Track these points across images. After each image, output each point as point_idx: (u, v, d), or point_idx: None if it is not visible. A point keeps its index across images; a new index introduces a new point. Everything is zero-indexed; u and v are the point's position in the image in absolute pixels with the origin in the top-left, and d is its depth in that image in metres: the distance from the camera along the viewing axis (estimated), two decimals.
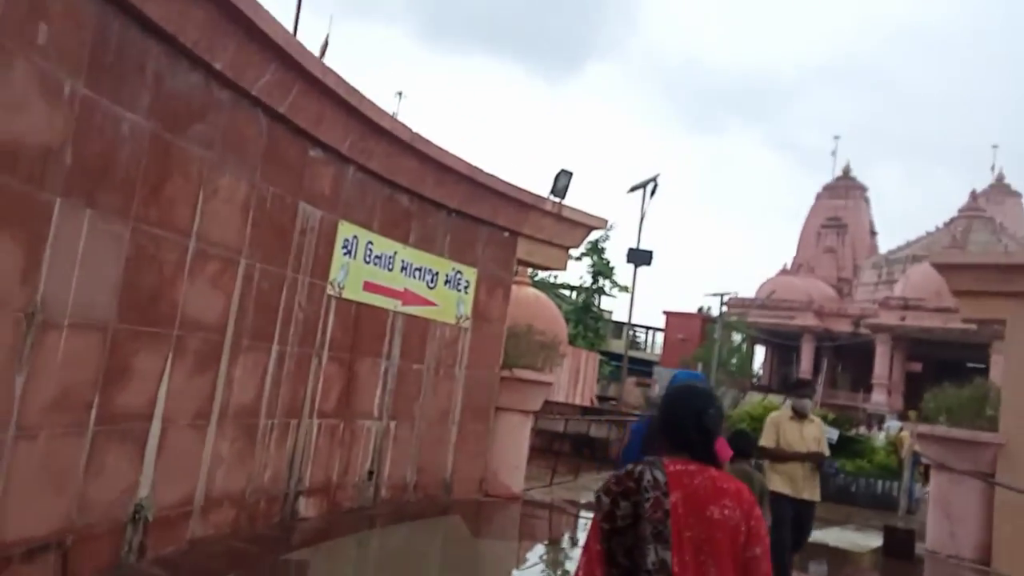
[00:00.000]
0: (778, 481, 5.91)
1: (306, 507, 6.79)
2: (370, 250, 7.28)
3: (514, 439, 9.32)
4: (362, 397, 7.38)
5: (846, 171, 54.34)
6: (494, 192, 8.54)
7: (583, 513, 9.29)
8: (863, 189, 53.59)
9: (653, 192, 16.20)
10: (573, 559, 6.96)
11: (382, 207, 7.42)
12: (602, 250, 27.58)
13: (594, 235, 30.86)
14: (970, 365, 42.80)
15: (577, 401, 19.41)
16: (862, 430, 15.69)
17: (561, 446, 14.96)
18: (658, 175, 16.24)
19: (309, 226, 6.46)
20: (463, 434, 8.68)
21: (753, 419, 13.66)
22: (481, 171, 8.23)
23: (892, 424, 22.37)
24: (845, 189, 53.16)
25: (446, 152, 7.78)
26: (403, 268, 7.82)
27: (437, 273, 8.27)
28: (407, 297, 7.87)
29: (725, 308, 24.65)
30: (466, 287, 8.67)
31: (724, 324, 26.27)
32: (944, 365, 44.05)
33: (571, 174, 9.18)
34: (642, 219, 16.13)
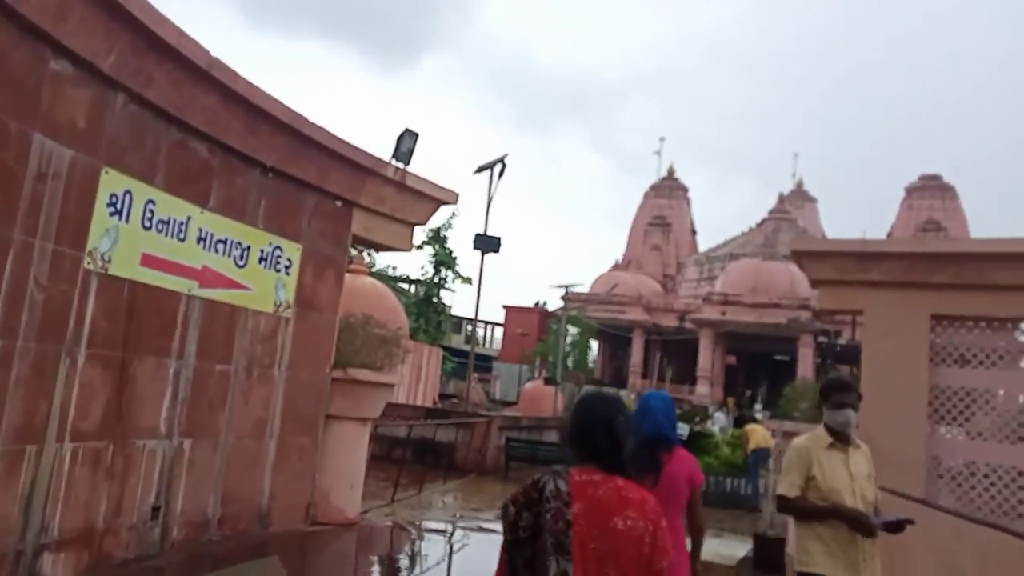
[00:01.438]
0: (822, 558, 3.38)
1: (54, 567, 4.85)
2: (151, 212, 5.42)
3: (349, 453, 7.72)
4: (141, 409, 5.50)
5: (670, 172, 57.05)
6: (324, 149, 6.90)
7: (429, 536, 7.90)
8: (685, 190, 56.51)
9: (501, 173, 15.11)
10: None
11: (169, 156, 5.57)
12: (444, 239, 26.13)
13: (436, 222, 29.42)
14: (777, 358, 46.34)
15: (419, 401, 17.95)
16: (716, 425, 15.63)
17: (403, 453, 13.46)
18: (506, 155, 15.21)
19: (51, 170, 4.54)
20: (284, 450, 6.98)
21: None
22: (307, 120, 6.58)
23: (718, 416, 22.99)
24: (669, 189, 55.76)
25: (260, 91, 6.06)
26: (201, 239, 6.00)
27: (249, 248, 6.51)
28: (207, 277, 6.06)
29: (566, 298, 24.28)
30: (287, 267, 6.95)
31: (565, 318, 25.93)
32: (755, 358, 47.36)
33: (416, 135, 7.74)
34: (490, 203, 15.01)
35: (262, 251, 6.65)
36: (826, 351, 37.85)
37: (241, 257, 6.43)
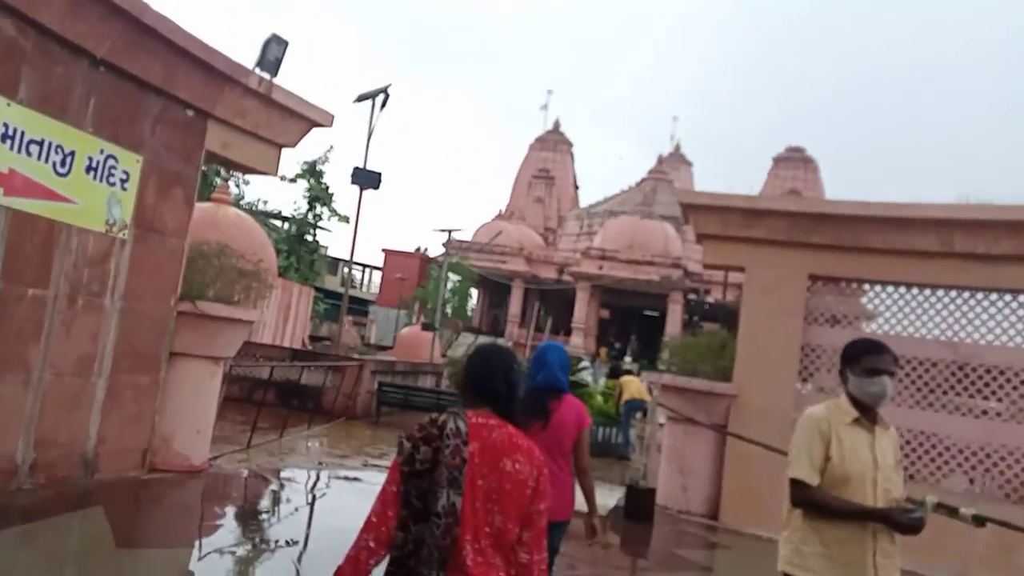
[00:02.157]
0: (815, 560, 2.65)
1: None
2: None
3: (196, 394, 6.95)
4: None
5: (556, 125, 57.02)
6: (170, 45, 5.94)
7: (284, 485, 7.32)
8: (570, 144, 56.71)
9: (384, 104, 14.13)
10: (266, 567, 5.02)
11: None
12: (320, 173, 24.49)
13: (311, 154, 27.76)
14: (648, 313, 48.12)
15: (287, 343, 16.97)
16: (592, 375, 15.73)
17: (265, 396, 12.65)
18: (389, 85, 14.22)
19: None
20: (116, 390, 6.13)
21: None
22: (149, 7, 5.59)
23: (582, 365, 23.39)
24: (554, 143, 55.79)
25: None
26: (7, 137, 4.99)
27: (73, 154, 5.52)
28: (15, 184, 5.07)
29: (448, 245, 23.71)
30: (124, 181, 6.00)
31: (447, 264, 25.35)
32: (628, 312, 48.93)
33: (286, 43, 6.87)
34: (370, 135, 14.00)
35: (91, 159, 5.67)
36: (694, 308, 39.61)
37: (63, 163, 5.44)
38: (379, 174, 13.71)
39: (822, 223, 8.13)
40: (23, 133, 5.08)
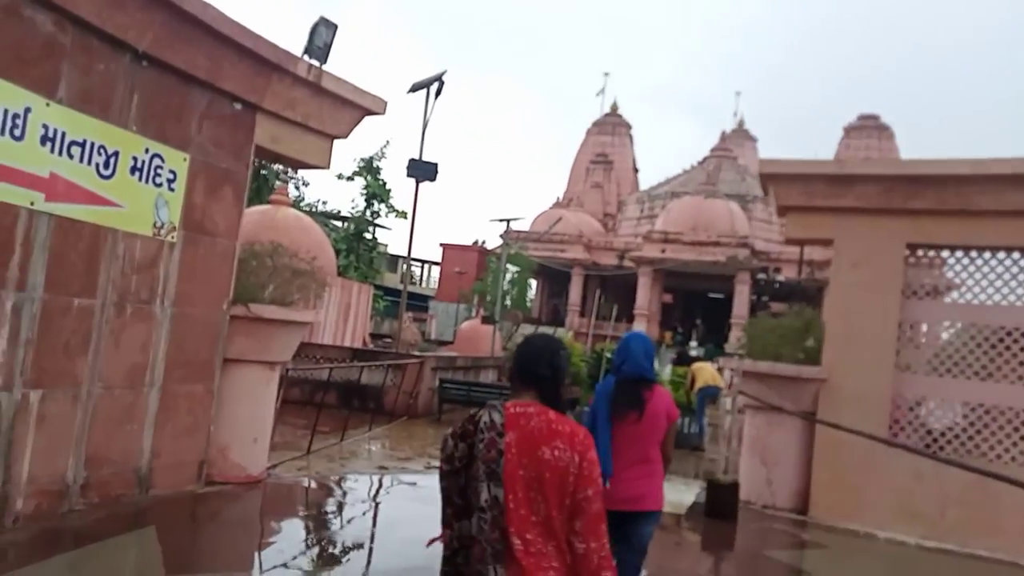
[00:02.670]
0: None
1: None
2: None
3: (253, 402, 6.65)
4: None
5: (614, 108, 55.80)
6: (215, 35, 5.58)
7: (345, 492, 6.98)
8: (628, 126, 55.46)
9: (439, 93, 13.68)
10: None
11: None
12: (378, 170, 24.24)
13: (368, 151, 27.58)
14: (712, 295, 46.74)
15: (347, 342, 16.82)
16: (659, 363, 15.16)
17: (326, 397, 12.44)
18: (444, 72, 13.77)
19: None
20: (169, 401, 5.86)
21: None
22: None
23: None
24: (612, 126, 54.63)
25: None
26: (47, 139, 4.70)
27: (117, 154, 5.22)
28: (57, 188, 4.78)
29: (506, 236, 23.18)
30: (171, 181, 5.69)
31: (505, 255, 24.83)
32: (691, 296, 47.66)
33: (335, 26, 6.45)
34: (425, 126, 13.58)
35: (135, 159, 5.37)
36: (763, 288, 38.20)
37: (106, 165, 5.14)
38: (435, 165, 13.31)
39: (923, 186, 7.29)
40: (64, 134, 4.79)
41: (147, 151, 5.45)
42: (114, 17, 4.92)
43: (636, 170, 56.39)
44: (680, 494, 8.28)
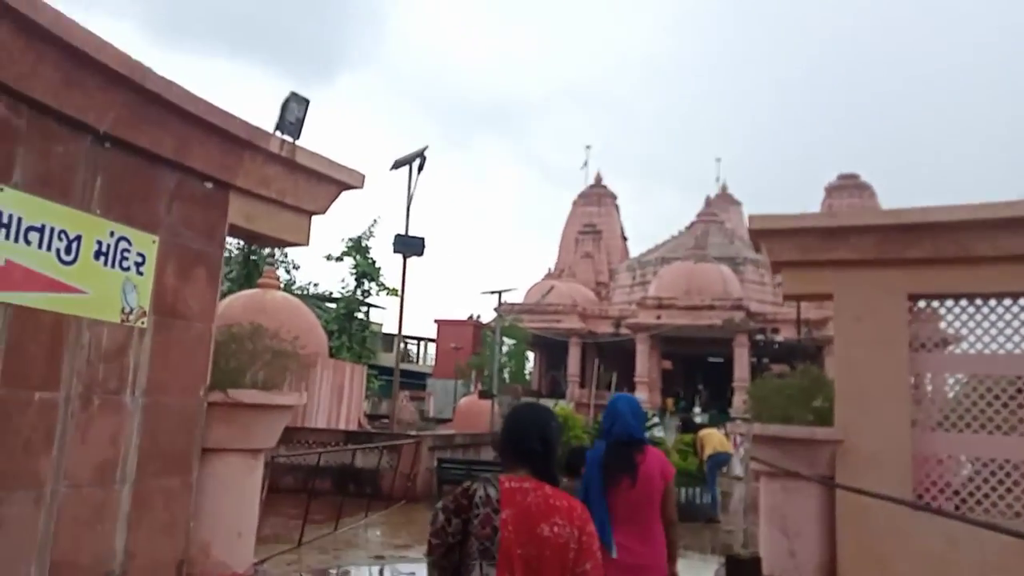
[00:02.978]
0: None
1: None
2: None
3: (235, 493, 6.25)
4: None
5: (598, 179, 56.83)
6: (181, 113, 5.47)
7: None
8: (613, 197, 56.36)
9: (421, 168, 13.72)
10: None
11: None
12: (367, 248, 24.24)
13: (356, 230, 27.57)
14: (712, 360, 46.30)
15: (342, 424, 16.35)
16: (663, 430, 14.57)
17: (319, 483, 11.94)
18: (426, 147, 13.81)
19: None
20: (144, 497, 5.46)
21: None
22: (152, 73, 5.14)
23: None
24: (598, 197, 55.51)
25: (82, 29, 4.62)
26: (1, 226, 4.50)
27: (79, 239, 5.01)
28: (13, 276, 4.55)
29: (500, 309, 22.97)
30: (139, 264, 5.47)
31: (500, 329, 24.56)
32: (691, 361, 47.23)
33: (306, 101, 6.39)
34: (410, 201, 13.57)
35: (100, 244, 5.16)
36: (762, 350, 37.81)
37: (68, 251, 4.93)
38: (422, 240, 13.22)
39: (918, 234, 7.13)
40: (20, 220, 4.60)
41: (112, 234, 5.25)
42: (72, 98, 4.81)
43: (624, 238, 56.96)
44: (698, 571, 7.78)
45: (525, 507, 1.95)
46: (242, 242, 28.59)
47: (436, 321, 52.41)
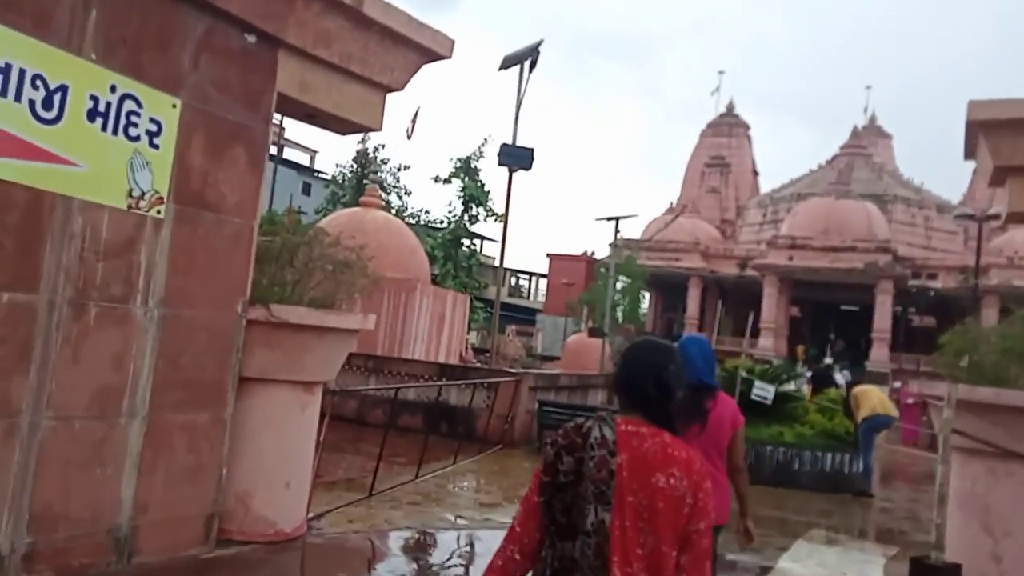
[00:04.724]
0: None
1: None
2: None
3: (282, 434, 5.05)
4: None
5: (730, 108, 52.54)
6: None
7: (410, 559, 5.21)
8: (746, 127, 52.02)
9: (533, 65, 11.98)
10: None
11: None
12: (476, 171, 22.80)
13: (465, 150, 26.17)
14: (845, 308, 42.49)
15: (442, 357, 15.32)
16: (797, 384, 12.52)
17: (411, 420, 10.87)
18: (540, 42, 11.98)
19: None
20: (160, 435, 4.32)
21: None
22: None
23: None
24: (729, 127, 51.38)
25: None
26: None
27: (64, 90, 3.74)
28: None
29: (616, 242, 21.16)
30: (153, 135, 4.18)
31: (615, 263, 22.71)
32: (821, 308, 43.56)
33: None
34: (519, 105, 11.89)
35: (96, 101, 3.88)
36: (914, 298, 33.92)
37: (47, 104, 3.67)
38: (531, 151, 11.57)
39: None
40: None
41: (114, 90, 3.95)
42: None
43: (756, 173, 52.75)
44: (861, 569, 6.01)
45: (642, 453, 1.81)
46: (356, 164, 27.98)
47: (548, 255, 51.04)
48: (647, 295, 44.08)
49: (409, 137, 18.73)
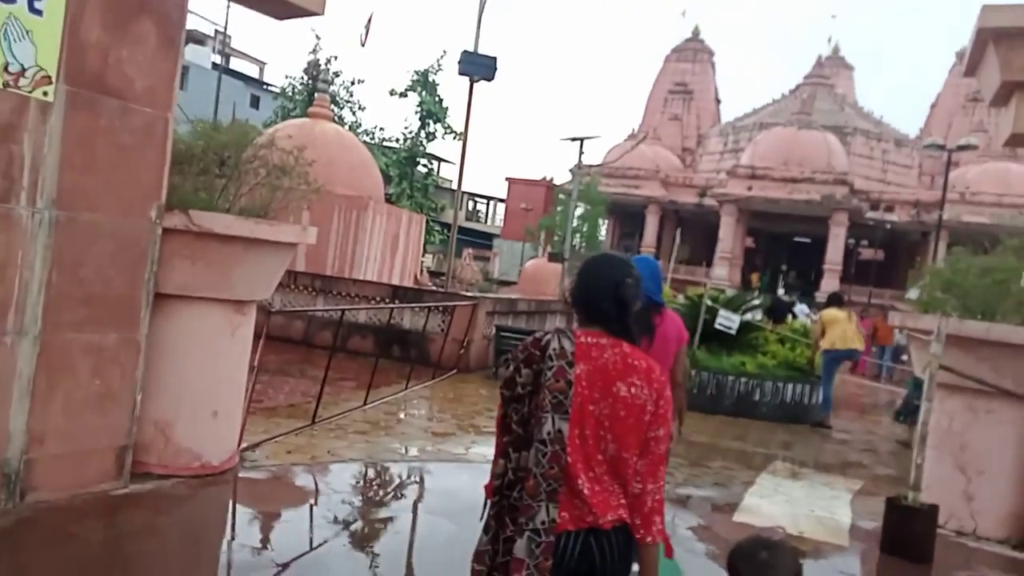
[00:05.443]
0: None
1: None
2: None
3: (209, 357, 4.50)
4: None
5: (695, 33, 51.40)
6: None
7: (350, 498, 4.78)
8: (711, 53, 51.08)
9: None
10: None
11: None
12: (434, 85, 21.58)
13: (424, 62, 24.91)
14: (798, 239, 42.93)
15: (395, 279, 14.73)
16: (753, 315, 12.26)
17: (361, 343, 10.40)
18: None
19: None
20: (57, 357, 3.73)
21: None
22: None
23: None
24: (693, 52, 50.38)
25: None
26: None
27: None
28: None
29: (577, 167, 20.43)
30: None
31: (576, 186, 22.06)
32: (774, 239, 43.95)
33: None
34: (482, 6, 10.98)
35: None
36: (865, 231, 34.28)
37: None
38: (493, 59, 10.76)
39: None
40: None
41: None
42: None
43: (718, 101, 52.14)
44: (829, 505, 5.82)
45: (602, 364, 1.82)
46: (306, 76, 26.42)
47: (507, 179, 50.11)
48: (605, 222, 43.82)
49: (363, 44, 17.56)
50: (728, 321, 9.94)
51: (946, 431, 5.67)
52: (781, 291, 35.28)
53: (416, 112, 22.30)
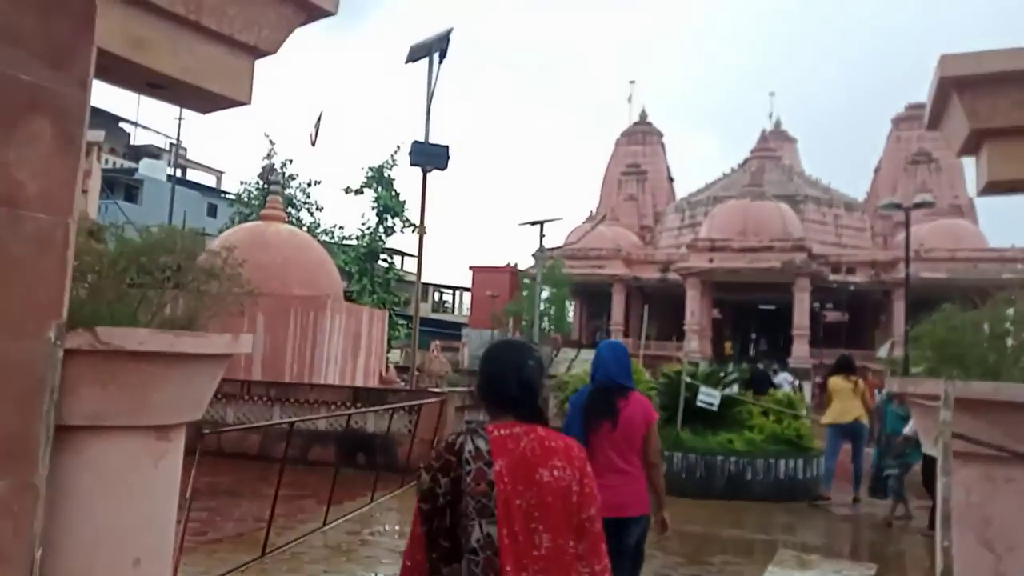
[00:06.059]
0: None
1: None
2: None
3: (127, 496, 3.83)
4: None
5: (643, 116, 53.23)
6: None
7: None
8: (659, 135, 52.79)
9: (443, 56, 10.98)
10: None
11: None
12: (390, 180, 21.49)
13: (379, 158, 25.06)
14: (764, 307, 43.23)
15: (359, 380, 14.07)
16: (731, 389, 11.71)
17: (323, 452, 9.68)
18: (450, 30, 10.97)
19: None
20: None
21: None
22: None
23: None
24: (643, 135, 52.03)
25: None
26: None
27: None
28: None
29: (540, 251, 20.28)
30: None
31: (540, 270, 21.86)
32: (742, 308, 44.20)
33: None
34: (431, 98, 10.85)
35: None
36: (827, 294, 34.51)
37: None
38: (445, 148, 10.58)
39: None
40: None
41: None
42: None
43: (671, 179, 53.52)
44: None
45: (520, 453, 1.79)
46: (261, 181, 26.30)
47: (472, 268, 50.07)
48: (572, 303, 43.74)
49: (313, 143, 17.49)
50: (709, 398, 9.50)
51: (964, 505, 5.14)
52: (757, 363, 35.10)
53: (373, 208, 22.16)
